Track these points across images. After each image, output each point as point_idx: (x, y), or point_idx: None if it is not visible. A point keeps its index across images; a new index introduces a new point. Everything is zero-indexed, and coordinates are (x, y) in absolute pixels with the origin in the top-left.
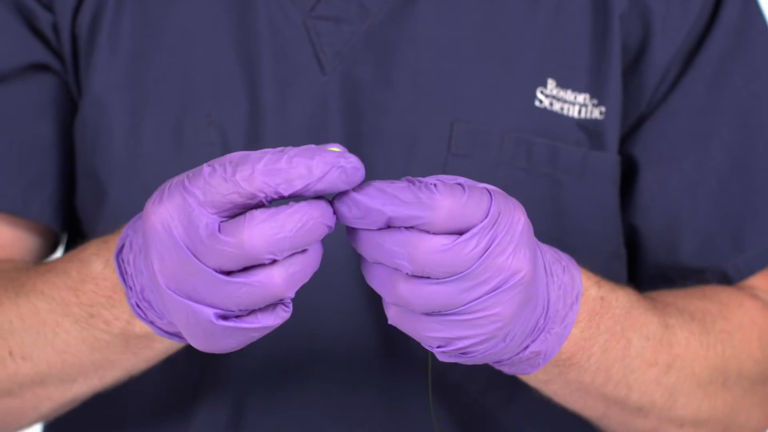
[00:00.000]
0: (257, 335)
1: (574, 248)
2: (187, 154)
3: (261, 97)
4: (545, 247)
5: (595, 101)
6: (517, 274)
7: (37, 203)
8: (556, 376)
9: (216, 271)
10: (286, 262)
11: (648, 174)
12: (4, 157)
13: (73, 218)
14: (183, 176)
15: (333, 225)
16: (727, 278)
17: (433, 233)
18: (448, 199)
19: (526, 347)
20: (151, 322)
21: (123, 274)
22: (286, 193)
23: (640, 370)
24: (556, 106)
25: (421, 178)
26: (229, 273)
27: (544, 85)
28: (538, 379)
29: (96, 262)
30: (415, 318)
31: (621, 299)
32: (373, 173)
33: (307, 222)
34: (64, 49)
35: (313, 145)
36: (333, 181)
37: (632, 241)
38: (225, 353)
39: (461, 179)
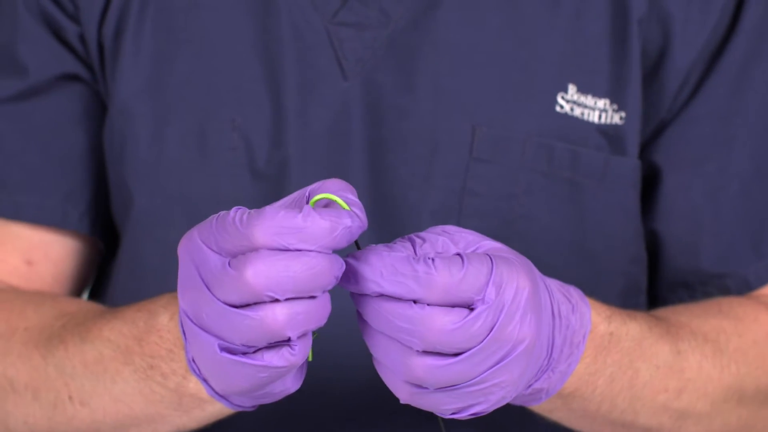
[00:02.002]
0: (265, 376)
1: (594, 252)
2: (211, 160)
3: (283, 102)
4: (554, 285)
5: (615, 106)
6: (523, 342)
7: (75, 213)
8: (560, 406)
9: (222, 302)
10: (289, 302)
11: (670, 179)
12: (42, 168)
13: (110, 226)
14: (215, 216)
15: (340, 277)
16: (747, 284)
17: (437, 306)
18: (444, 276)
19: (529, 386)
20: (205, 380)
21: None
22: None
23: (647, 397)
24: (577, 111)
25: (422, 239)
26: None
27: (565, 90)
28: (542, 408)
29: (163, 314)
30: (427, 394)
31: (632, 331)
32: (395, 178)
33: (313, 267)
34: (93, 59)
35: (334, 197)
36: (339, 242)
37: (653, 246)
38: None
39: (467, 239)
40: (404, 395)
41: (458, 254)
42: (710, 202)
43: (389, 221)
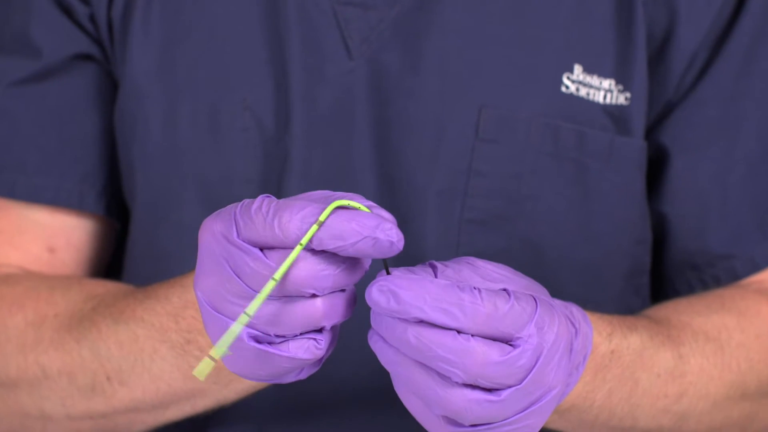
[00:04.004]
0: (287, 366)
1: (600, 233)
2: (223, 140)
3: (289, 82)
4: (558, 308)
5: (620, 87)
6: (554, 389)
7: (92, 195)
8: (556, 420)
9: (256, 293)
10: (329, 295)
11: (678, 161)
12: (59, 150)
13: (124, 206)
14: (238, 204)
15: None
16: (755, 265)
17: (480, 338)
18: (489, 308)
19: None
20: None
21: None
22: (317, 249)
23: (647, 404)
24: (583, 92)
25: (445, 265)
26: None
27: (571, 70)
28: None
29: None
30: (461, 430)
31: (633, 344)
32: (401, 159)
33: (350, 266)
34: (104, 39)
35: (357, 204)
36: (364, 251)
37: (661, 228)
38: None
39: (511, 282)
40: (439, 430)
41: (504, 289)
42: (717, 183)
43: (395, 202)
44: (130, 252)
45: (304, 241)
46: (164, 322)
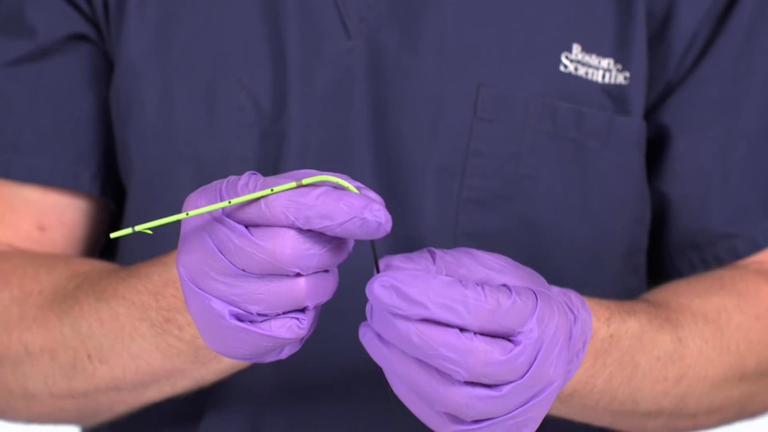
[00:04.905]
0: (267, 345)
1: (598, 212)
2: (220, 120)
3: (287, 61)
4: (556, 295)
5: (619, 66)
6: (554, 382)
7: (87, 175)
8: (558, 406)
9: (241, 270)
10: (313, 275)
11: (679, 141)
12: (54, 130)
13: (120, 186)
14: (224, 180)
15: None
16: (756, 244)
17: (482, 336)
18: (492, 304)
19: None
20: None
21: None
22: (303, 227)
23: (647, 388)
24: (581, 71)
25: (444, 252)
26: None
27: (569, 49)
28: None
29: None
30: (465, 428)
31: (632, 328)
32: (399, 138)
33: (335, 247)
34: (99, 19)
35: (346, 183)
36: (352, 231)
37: (662, 208)
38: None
39: (510, 273)
40: (442, 428)
41: (505, 285)
42: (719, 163)
43: (393, 181)
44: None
45: (277, 189)
46: (144, 300)
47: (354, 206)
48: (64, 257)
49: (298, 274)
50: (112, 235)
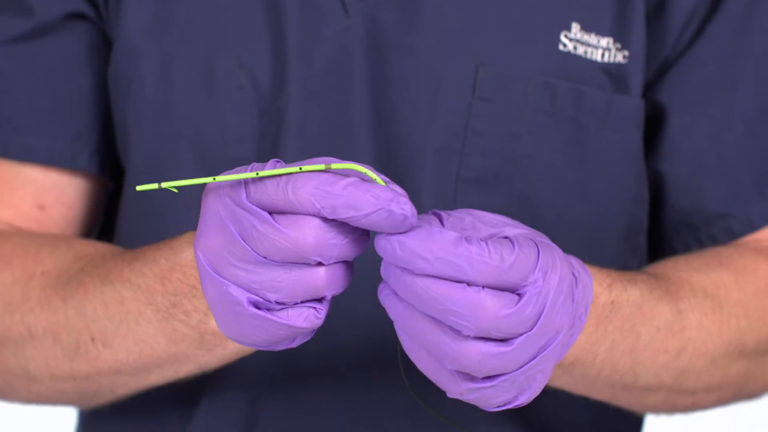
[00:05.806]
0: (283, 334)
1: (597, 192)
2: (218, 99)
3: (286, 40)
4: (558, 250)
5: (618, 45)
6: (560, 333)
7: (85, 154)
8: (561, 375)
9: (262, 257)
10: (333, 265)
11: (675, 120)
12: (52, 109)
13: (118, 164)
14: (247, 167)
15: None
16: (751, 224)
17: (489, 290)
18: (496, 259)
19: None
20: None
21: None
22: (329, 217)
23: (648, 360)
24: (580, 50)
25: (449, 214)
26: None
27: (569, 28)
28: None
29: (187, 250)
30: (479, 389)
31: (632, 297)
32: (398, 117)
33: (358, 237)
34: None
35: (373, 174)
36: (377, 223)
37: (658, 187)
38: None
39: (493, 222)
40: (453, 387)
41: (507, 238)
42: (715, 142)
43: (392, 160)
44: (123, 211)
45: (306, 168)
46: (151, 285)
47: (381, 198)
48: (65, 238)
49: (319, 264)
50: (138, 188)
